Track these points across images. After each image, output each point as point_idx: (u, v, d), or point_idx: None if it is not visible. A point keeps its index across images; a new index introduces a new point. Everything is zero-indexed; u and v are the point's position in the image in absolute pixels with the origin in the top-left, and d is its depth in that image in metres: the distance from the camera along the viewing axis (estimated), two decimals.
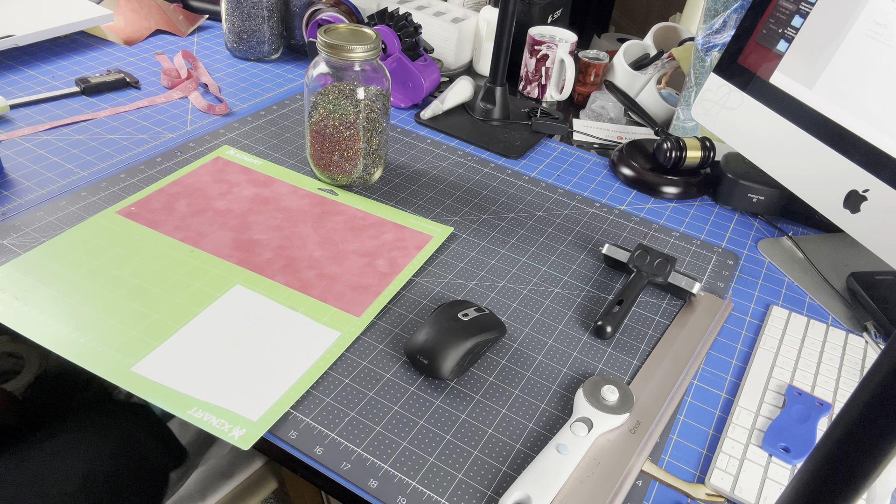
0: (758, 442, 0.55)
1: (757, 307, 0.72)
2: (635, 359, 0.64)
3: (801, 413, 0.58)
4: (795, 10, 0.75)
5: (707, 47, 0.94)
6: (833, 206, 0.71)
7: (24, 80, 0.98)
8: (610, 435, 0.55)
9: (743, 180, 0.85)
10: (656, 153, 0.91)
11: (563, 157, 0.97)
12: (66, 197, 0.76)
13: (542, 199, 0.86)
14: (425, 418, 0.56)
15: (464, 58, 1.19)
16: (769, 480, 0.52)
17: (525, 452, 0.54)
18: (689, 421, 0.58)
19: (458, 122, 1.02)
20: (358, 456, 0.52)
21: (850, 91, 0.69)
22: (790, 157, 0.75)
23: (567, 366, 0.62)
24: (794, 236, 0.83)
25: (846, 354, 0.66)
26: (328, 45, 0.75)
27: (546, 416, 0.57)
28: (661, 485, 0.52)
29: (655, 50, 1.13)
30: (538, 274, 0.73)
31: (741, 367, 0.64)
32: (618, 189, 0.91)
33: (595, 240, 0.79)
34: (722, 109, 0.83)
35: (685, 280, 0.70)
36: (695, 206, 0.89)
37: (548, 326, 0.66)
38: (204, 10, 1.26)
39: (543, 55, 1.09)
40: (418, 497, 0.50)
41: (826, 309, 0.73)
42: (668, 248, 0.80)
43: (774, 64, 0.77)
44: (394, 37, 1.00)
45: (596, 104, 1.08)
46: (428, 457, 0.53)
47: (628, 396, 0.57)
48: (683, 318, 0.69)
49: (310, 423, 0.54)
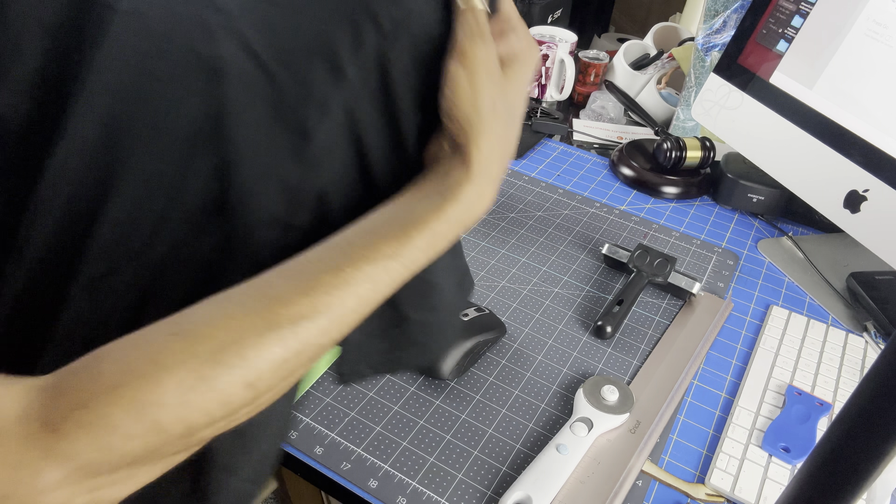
0: (758, 442, 0.55)
1: (757, 307, 0.72)
2: (635, 359, 0.64)
3: (801, 413, 0.58)
4: (795, 10, 0.75)
5: (707, 47, 0.94)
6: (833, 206, 0.71)
7: None
8: (610, 435, 0.55)
9: (743, 180, 0.85)
10: (656, 153, 0.91)
11: (563, 157, 0.97)
12: None
13: (542, 199, 0.86)
14: (425, 418, 0.56)
15: None
16: (769, 480, 0.52)
17: (525, 452, 0.54)
18: (689, 421, 0.58)
19: None
20: (358, 456, 0.52)
21: (850, 91, 0.69)
22: (790, 157, 0.75)
23: (567, 366, 0.62)
24: (794, 236, 0.83)
25: (846, 354, 0.66)
26: None
27: (546, 416, 0.57)
28: (661, 485, 0.52)
29: (655, 50, 1.13)
30: (538, 274, 0.73)
31: (741, 367, 0.64)
32: (618, 189, 0.91)
33: (595, 240, 0.79)
34: (722, 109, 0.83)
35: (685, 280, 0.70)
36: (695, 206, 0.89)
37: (548, 326, 0.66)
38: None
39: (543, 55, 1.09)
40: (418, 497, 0.50)
41: (826, 309, 0.73)
42: (668, 248, 0.80)
43: (774, 64, 0.77)
44: None
45: (596, 104, 1.08)
46: (428, 457, 0.53)
47: (628, 396, 0.57)
48: (683, 318, 0.69)
49: (310, 423, 0.54)
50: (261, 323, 0.28)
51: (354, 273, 0.30)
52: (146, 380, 0.26)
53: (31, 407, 0.26)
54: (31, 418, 0.26)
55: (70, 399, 0.26)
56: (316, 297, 0.29)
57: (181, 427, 0.27)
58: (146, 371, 0.27)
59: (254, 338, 0.28)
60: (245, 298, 0.30)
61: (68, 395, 0.26)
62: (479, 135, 0.34)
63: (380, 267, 0.31)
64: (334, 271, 0.30)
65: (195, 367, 0.27)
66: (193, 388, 0.27)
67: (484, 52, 0.35)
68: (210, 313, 0.29)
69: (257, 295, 0.30)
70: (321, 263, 0.31)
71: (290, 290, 0.30)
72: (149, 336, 0.28)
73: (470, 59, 0.34)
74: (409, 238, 0.32)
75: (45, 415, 0.26)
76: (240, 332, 0.28)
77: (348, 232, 0.33)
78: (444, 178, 0.34)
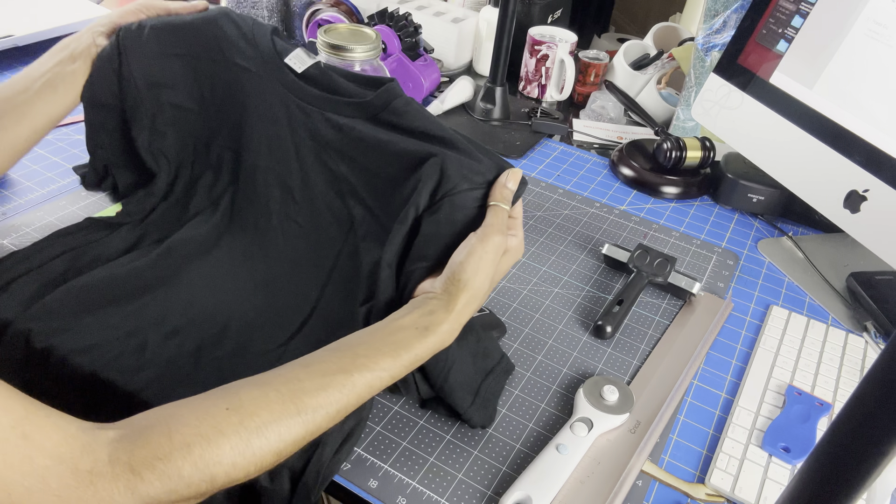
0: (758, 442, 0.55)
1: (757, 307, 0.72)
2: (635, 359, 0.64)
3: (801, 413, 0.58)
4: (795, 10, 0.75)
5: (707, 47, 0.94)
6: (833, 206, 0.71)
7: None
8: (610, 435, 0.55)
9: (743, 180, 0.85)
10: (656, 153, 0.91)
11: (563, 157, 0.97)
12: (66, 197, 0.76)
13: (542, 199, 0.86)
14: (425, 418, 0.56)
15: (464, 58, 1.19)
16: (769, 480, 0.52)
17: (525, 452, 0.54)
18: (689, 421, 0.58)
19: (458, 122, 1.02)
20: (358, 456, 0.52)
21: (850, 91, 0.69)
22: (790, 157, 0.75)
23: (567, 366, 0.62)
24: (794, 236, 0.83)
25: (846, 354, 0.66)
26: (328, 45, 0.75)
27: (546, 416, 0.57)
28: (661, 485, 0.52)
29: (655, 50, 1.13)
30: (538, 274, 0.73)
31: (741, 367, 0.64)
32: (618, 189, 0.91)
33: (595, 240, 0.80)
34: (722, 109, 0.83)
35: (685, 280, 0.70)
36: (695, 206, 0.89)
37: (548, 326, 0.66)
38: None
39: (543, 55, 1.09)
40: (418, 497, 0.50)
41: (826, 309, 0.73)
42: (668, 248, 0.80)
43: (774, 64, 0.77)
44: (394, 37, 1.00)
45: (596, 104, 1.08)
46: (428, 457, 0.53)
47: (628, 396, 0.57)
48: (683, 318, 0.69)
49: None
50: (293, 409, 0.39)
51: (359, 378, 0.42)
52: (210, 443, 0.36)
53: (117, 453, 0.34)
54: (119, 462, 0.34)
55: (151, 451, 0.34)
56: (330, 393, 0.41)
57: (225, 480, 0.36)
58: (211, 436, 0.36)
59: (287, 420, 0.39)
60: (280, 387, 0.40)
61: (148, 448, 0.34)
62: (467, 292, 0.47)
63: (376, 376, 0.43)
64: (345, 374, 0.42)
65: (245, 437, 0.37)
66: (242, 453, 0.37)
67: (500, 240, 0.49)
68: (255, 396, 0.39)
69: (290, 386, 0.40)
70: (335, 365, 0.42)
71: (314, 385, 0.41)
72: (209, 408, 0.37)
73: (489, 241, 0.49)
74: (399, 357, 0.44)
75: (131, 461, 0.34)
76: (279, 414, 0.38)
77: (355, 341, 0.45)
78: (430, 315, 0.47)
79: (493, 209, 0.51)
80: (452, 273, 0.48)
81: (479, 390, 0.54)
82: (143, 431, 0.35)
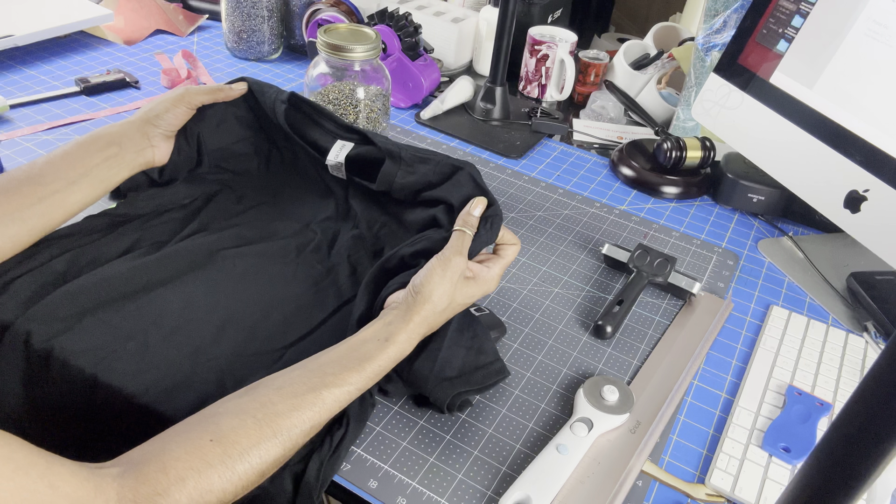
0: (758, 442, 0.55)
1: (757, 307, 0.72)
2: (635, 359, 0.64)
3: (802, 413, 0.58)
4: (795, 10, 0.75)
5: (707, 47, 0.94)
6: (833, 206, 0.71)
7: (24, 80, 0.98)
8: (610, 435, 0.55)
9: (743, 180, 0.85)
10: (656, 153, 0.91)
11: (563, 157, 0.97)
12: None
13: (542, 199, 0.86)
14: (425, 418, 0.56)
15: (464, 58, 1.19)
16: (769, 480, 0.52)
17: (525, 452, 0.54)
18: (689, 421, 0.58)
19: (458, 122, 1.02)
20: (358, 456, 0.52)
21: (850, 91, 0.69)
22: (790, 157, 0.75)
23: (567, 366, 0.62)
24: (794, 236, 0.83)
25: (846, 354, 0.66)
26: (328, 45, 0.75)
27: (546, 416, 0.57)
28: (661, 485, 0.52)
29: (655, 50, 1.13)
30: (538, 274, 0.73)
31: (741, 367, 0.64)
32: (618, 189, 0.91)
33: (595, 240, 0.79)
34: (722, 109, 0.83)
35: (685, 280, 0.70)
36: (695, 206, 0.89)
37: (548, 326, 0.66)
38: (204, 10, 1.26)
39: (543, 55, 1.09)
40: (418, 497, 0.50)
41: (826, 309, 0.73)
42: (668, 248, 0.80)
43: (774, 64, 0.77)
44: (394, 37, 1.00)
45: (596, 104, 1.08)
46: (428, 457, 0.53)
47: (628, 396, 0.57)
48: (683, 318, 0.69)
49: None
50: (269, 432, 0.43)
51: (328, 395, 0.46)
52: (201, 474, 0.40)
53: (123, 491, 0.38)
54: (126, 500, 0.38)
55: (151, 487, 0.38)
56: (303, 412, 0.45)
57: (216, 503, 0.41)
58: (200, 468, 0.40)
59: (265, 443, 0.43)
60: (256, 412, 0.44)
61: (148, 484, 0.39)
62: (426, 306, 0.52)
63: (344, 391, 0.47)
64: (315, 393, 0.46)
65: (230, 465, 0.41)
66: (230, 479, 0.41)
67: (459, 262, 0.54)
68: (234, 425, 0.43)
69: (265, 410, 0.44)
70: (304, 386, 0.46)
71: (286, 407, 0.45)
72: (195, 440, 0.41)
73: (449, 262, 0.54)
74: (364, 370, 0.48)
75: (136, 499, 0.38)
76: (257, 439, 0.43)
77: (325, 359, 0.49)
78: (389, 325, 0.51)
79: (457, 233, 0.57)
80: (413, 287, 0.53)
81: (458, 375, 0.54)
82: (140, 467, 0.39)
